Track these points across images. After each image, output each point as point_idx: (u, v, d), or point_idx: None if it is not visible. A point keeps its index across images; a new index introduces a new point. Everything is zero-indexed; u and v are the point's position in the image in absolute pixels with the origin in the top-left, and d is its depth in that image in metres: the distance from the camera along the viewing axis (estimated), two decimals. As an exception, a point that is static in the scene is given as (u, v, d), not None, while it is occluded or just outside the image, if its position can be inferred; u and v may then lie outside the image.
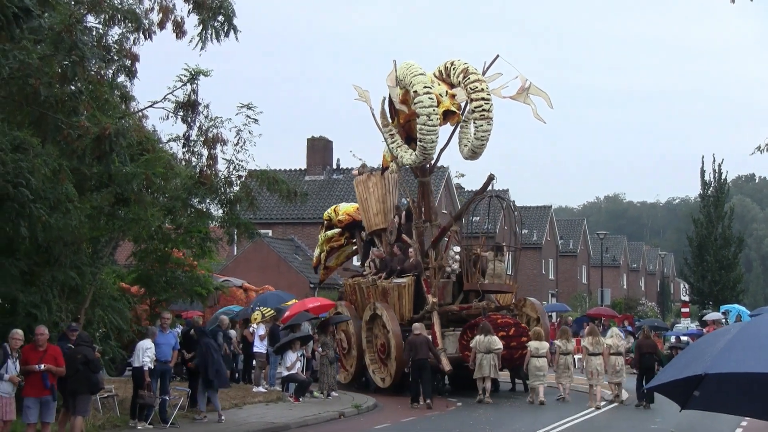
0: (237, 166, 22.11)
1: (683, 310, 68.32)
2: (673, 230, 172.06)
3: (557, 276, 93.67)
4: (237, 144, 21.94)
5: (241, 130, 21.93)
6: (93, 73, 19.65)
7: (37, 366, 17.54)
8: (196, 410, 22.86)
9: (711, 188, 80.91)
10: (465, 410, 26.99)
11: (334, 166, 65.18)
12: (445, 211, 43.34)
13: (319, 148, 65.68)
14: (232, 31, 20.44)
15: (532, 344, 29.34)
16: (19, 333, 17.45)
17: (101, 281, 22.69)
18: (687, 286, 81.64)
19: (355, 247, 36.54)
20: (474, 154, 31.24)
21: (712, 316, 52.84)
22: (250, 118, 21.90)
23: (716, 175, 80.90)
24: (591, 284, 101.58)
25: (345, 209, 35.66)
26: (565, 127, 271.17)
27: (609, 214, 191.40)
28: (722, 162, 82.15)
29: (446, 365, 29.46)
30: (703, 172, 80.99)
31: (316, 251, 37.57)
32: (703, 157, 78.93)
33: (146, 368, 21.30)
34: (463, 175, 74.10)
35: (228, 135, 21.77)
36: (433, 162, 32.66)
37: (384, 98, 32.31)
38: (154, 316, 24.39)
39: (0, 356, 17.01)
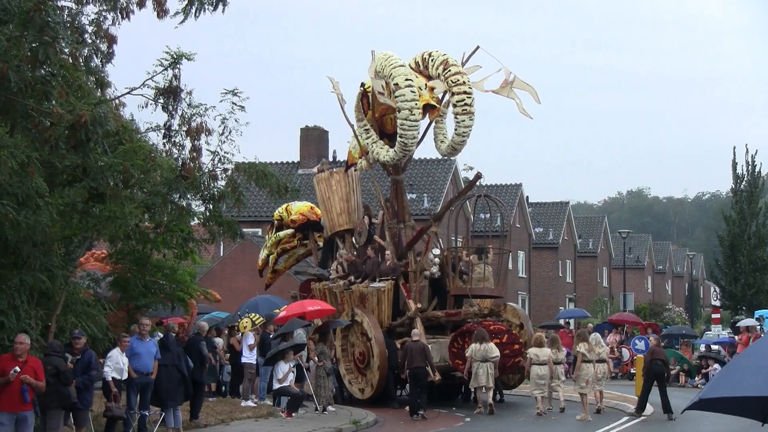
0: (222, 159, 22.06)
1: (714, 315, 68.17)
2: (702, 228, 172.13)
3: (575, 279, 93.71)
4: (222, 134, 21.86)
5: (227, 118, 21.86)
6: (66, 56, 19.60)
7: (12, 372, 17.33)
8: (175, 429, 22.85)
9: (744, 182, 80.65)
10: (474, 426, 27.00)
11: (330, 159, 65.11)
12: (452, 208, 43.31)
13: (314, 139, 65.64)
14: (221, 4, 20.30)
15: (533, 351, 29.78)
16: None
17: (74, 285, 22.65)
18: (718, 289, 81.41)
19: (305, 249, 37.38)
20: (454, 150, 32.11)
21: (745, 322, 52.60)
22: (236, 105, 21.81)
23: (750, 167, 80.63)
24: (613, 288, 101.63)
25: (298, 208, 36.11)
26: (583, 115, 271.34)
27: (632, 211, 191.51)
28: (756, 153, 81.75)
29: (435, 375, 29.71)
30: (735, 165, 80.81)
31: (263, 253, 38.34)
32: (734, 148, 78.03)
33: (109, 378, 21.44)
34: (471, 168, 74.19)
35: (213, 124, 21.71)
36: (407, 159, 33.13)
37: (360, 91, 32.65)
38: (132, 324, 24.32)
39: None
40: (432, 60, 31.19)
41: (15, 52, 17.70)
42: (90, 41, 20.60)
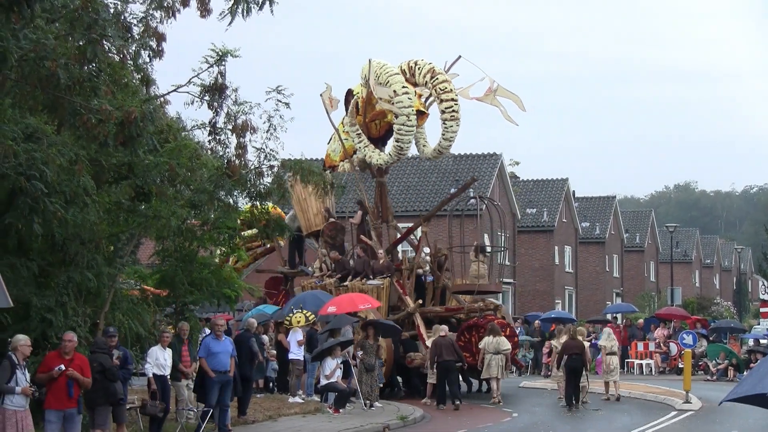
0: (268, 156, 21.97)
1: (762, 310, 67.55)
2: (750, 222, 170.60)
3: (622, 273, 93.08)
4: (267, 131, 21.78)
5: (272, 115, 21.77)
6: (113, 54, 19.57)
7: (56, 368, 17.30)
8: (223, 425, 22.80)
9: (793, 175, 79.97)
10: (521, 420, 26.94)
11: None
12: (497, 202, 43.08)
13: (360, 136, 65.42)
14: (267, 3, 20.08)
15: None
16: (24, 339, 17.10)
17: (121, 283, 22.62)
18: (766, 283, 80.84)
19: (264, 248, 39.04)
20: (440, 153, 34.81)
21: (794, 316, 52.27)
22: (281, 102, 21.71)
23: (798, 160, 79.91)
24: (660, 282, 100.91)
25: None
26: (628, 108, 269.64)
27: (679, 205, 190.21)
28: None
29: (464, 365, 31.52)
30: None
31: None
32: (783, 140, 77.28)
33: (150, 374, 21.56)
34: (517, 163, 74.01)
35: (258, 122, 21.62)
36: None
37: (355, 96, 34.32)
38: (180, 321, 24.28)
39: (6, 367, 16.74)
40: (419, 68, 33.00)
41: (62, 50, 17.68)
42: (137, 38, 20.50)
